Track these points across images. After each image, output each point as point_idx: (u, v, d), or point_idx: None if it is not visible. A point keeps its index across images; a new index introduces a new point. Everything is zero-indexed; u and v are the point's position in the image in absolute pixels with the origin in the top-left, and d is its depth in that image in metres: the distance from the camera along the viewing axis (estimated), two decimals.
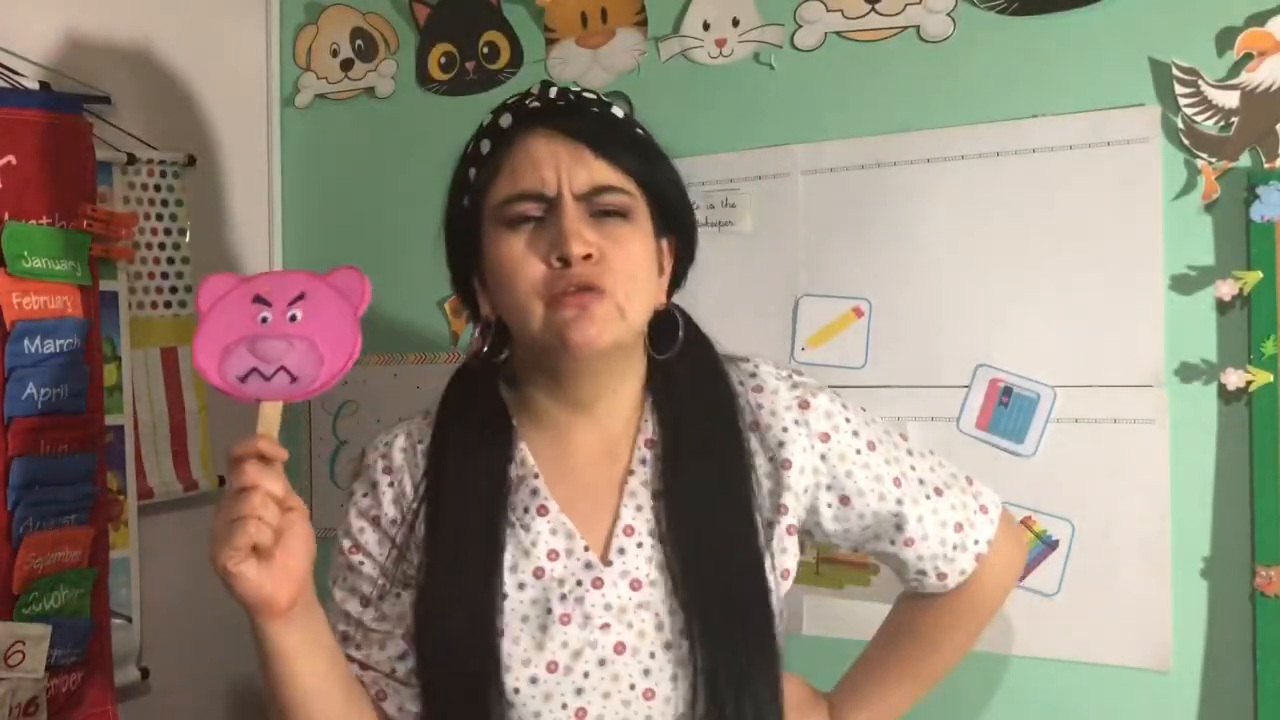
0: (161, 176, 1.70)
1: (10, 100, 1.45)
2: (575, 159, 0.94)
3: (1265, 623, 1.28)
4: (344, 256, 1.86)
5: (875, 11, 1.48)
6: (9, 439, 1.41)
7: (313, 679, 0.91)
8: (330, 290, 0.89)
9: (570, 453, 1.01)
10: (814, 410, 1.03)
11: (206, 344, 0.88)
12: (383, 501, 1.02)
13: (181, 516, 1.74)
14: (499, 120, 0.99)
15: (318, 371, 0.87)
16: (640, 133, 1.01)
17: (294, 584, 0.85)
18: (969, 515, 1.06)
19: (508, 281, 0.94)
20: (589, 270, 0.91)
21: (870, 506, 1.03)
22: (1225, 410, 1.31)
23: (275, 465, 0.84)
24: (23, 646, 1.41)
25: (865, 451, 1.03)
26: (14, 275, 1.42)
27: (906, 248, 1.46)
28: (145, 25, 1.70)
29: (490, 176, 0.97)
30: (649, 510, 0.99)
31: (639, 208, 0.96)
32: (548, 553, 0.98)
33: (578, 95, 0.99)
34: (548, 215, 0.93)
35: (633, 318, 0.94)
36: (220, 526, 0.84)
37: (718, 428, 1.01)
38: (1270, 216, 1.27)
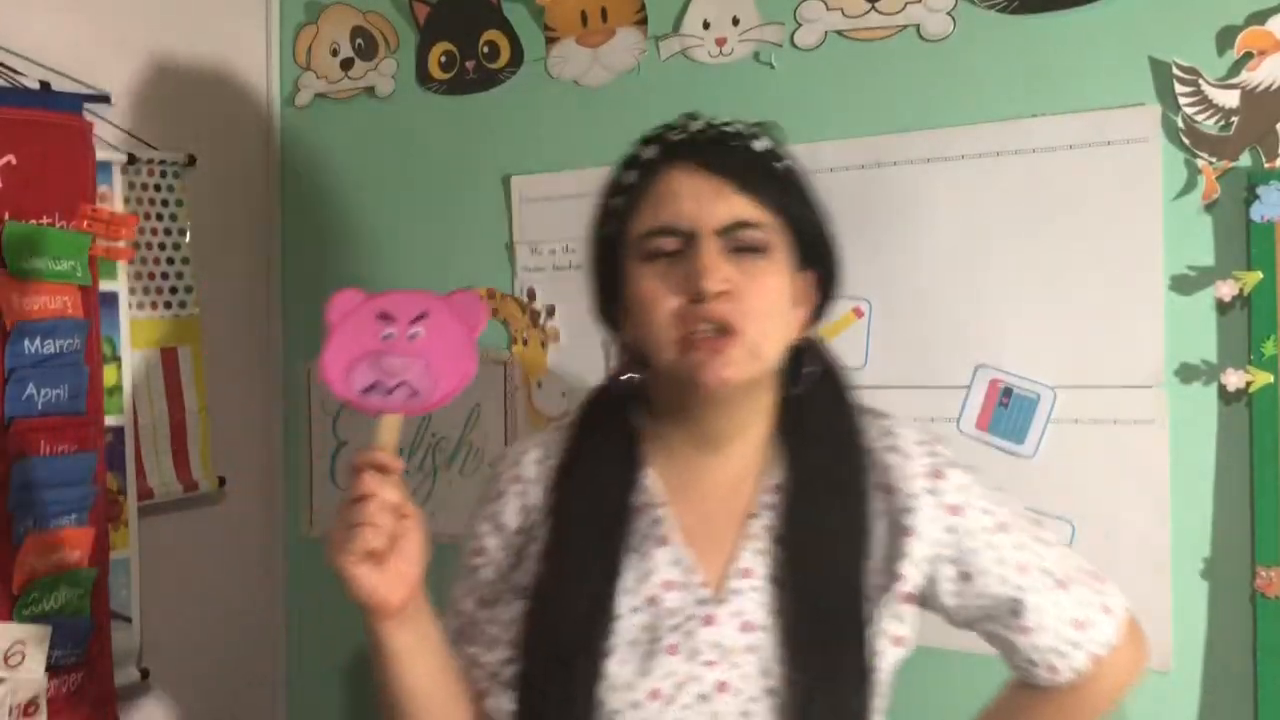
0: (161, 176, 1.70)
1: (10, 100, 1.45)
2: (715, 194, 0.95)
3: (1265, 623, 1.27)
4: (344, 257, 1.87)
5: (875, 10, 1.48)
6: (9, 439, 1.41)
7: (421, 678, 0.95)
8: (450, 312, 0.93)
9: (696, 486, 1.01)
10: (947, 481, 1.00)
11: (335, 357, 0.93)
12: (508, 510, 1.05)
13: (181, 516, 1.74)
14: (643, 152, 1.00)
15: (435, 388, 0.91)
16: (782, 166, 1.00)
17: (406, 587, 0.89)
18: (1091, 614, 1.02)
19: (644, 314, 0.95)
20: (723, 307, 0.92)
21: (990, 588, 1.00)
22: (1225, 410, 1.31)
23: (392, 475, 0.87)
24: (23, 646, 1.41)
25: (995, 532, 1.00)
26: (14, 275, 1.42)
27: (906, 248, 1.46)
28: (145, 25, 1.70)
29: (632, 207, 0.98)
30: (768, 556, 0.98)
31: (777, 243, 0.96)
32: (663, 583, 0.98)
33: (720, 129, 1.00)
34: (685, 250, 0.94)
35: (766, 356, 0.95)
36: (339, 531, 0.87)
37: (842, 478, 1.00)
38: (1270, 216, 1.27)
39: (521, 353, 1.72)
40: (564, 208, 1.68)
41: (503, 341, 1.73)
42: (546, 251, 1.70)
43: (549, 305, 1.70)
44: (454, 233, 1.77)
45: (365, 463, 0.87)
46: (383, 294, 0.95)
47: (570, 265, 1.68)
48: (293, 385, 1.92)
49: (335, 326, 0.94)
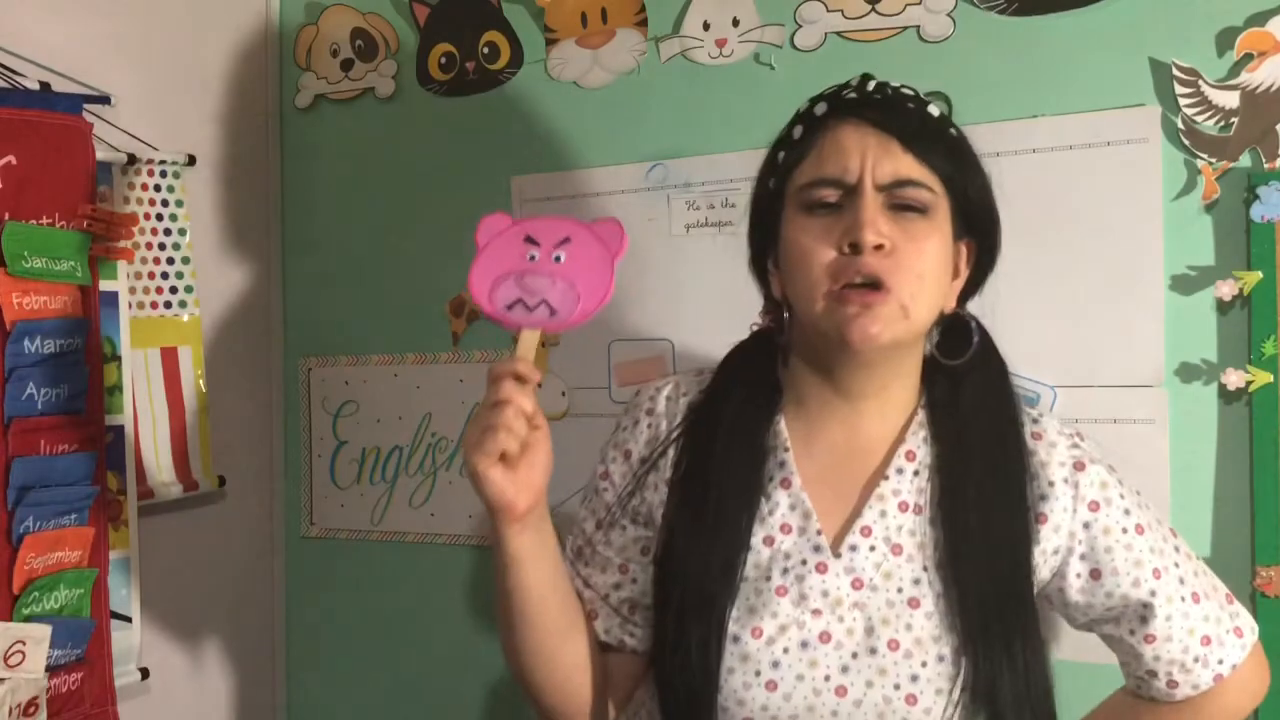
0: (161, 176, 1.70)
1: (10, 100, 1.45)
2: (882, 150, 0.94)
3: (1265, 623, 1.27)
4: (344, 256, 1.87)
5: (875, 11, 1.48)
6: (9, 439, 1.41)
7: (538, 584, 0.96)
8: (592, 237, 0.96)
9: (824, 438, 1.02)
10: (1088, 475, 1.00)
11: (481, 274, 0.96)
12: (639, 439, 1.07)
13: (181, 516, 1.74)
14: (814, 108, 1.01)
15: (574, 308, 0.94)
16: (954, 133, 1.00)
17: (532, 493, 0.91)
18: (1220, 633, 1.01)
19: (798, 263, 0.95)
20: (878, 262, 0.91)
21: (1121, 589, 0.99)
22: (1225, 410, 1.31)
23: (529, 386, 0.90)
24: (23, 646, 1.41)
25: (1132, 533, 0.99)
26: (14, 275, 1.42)
27: None
28: (145, 25, 1.70)
29: (797, 160, 0.99)
30: (893, 519, 0.98)
31: (940, 206, 0.96)
32: (781, 525, 0.99)
33: (895, 90, 1.00)
34: (846, 202, 0.94)
35: (916, 318, 0.94)
36: (474, 433, 0.89)
37: (1003, 455, 0.99)
38: (1270, 217, 1.27)
39: None
40: (564, 208, 1.68)
41: (504, 342, 1.73)
42: None
43: None
44: (454, 233, 1.77)
45: (506, 370, 0.89)
46: (530, 219, 0.98)
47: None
48: (292, 385, 1.92)
49: (483, 248, 0.97)
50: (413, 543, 1.80)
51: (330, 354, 1.88)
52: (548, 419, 0.93)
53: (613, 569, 1.06)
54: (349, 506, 1.86)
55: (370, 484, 1.84)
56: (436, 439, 1.78)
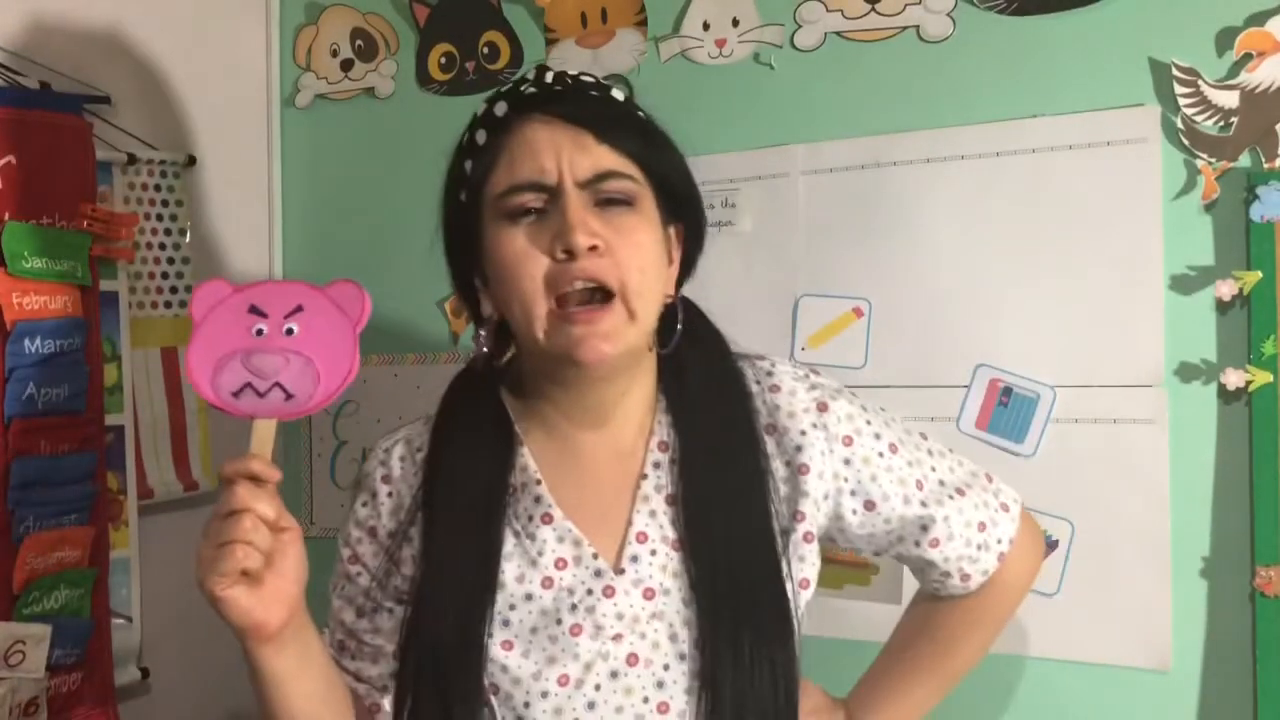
0: (161, 176, 1.70)
1: (10, 100, 1.45)
2: (576, 145, 0.90)
3: (1265, 623, 1.28)
4: (344, 256, 1.87)
5: (875, 11, 1.48)
6: (9, 439, 1.41)
7: (304, 701, 0.90)
8: (328, 303, 0.86)
9: (577, 458, 0.98)
10: (833, 413, 0.98)
11: (200, 355, 0.85)
12: (381, 513, 1.00)
13: (181, 516, 1.74)
14: (494, 109, 0.94)
15: (313, 389, 0.84)
16: (642, 115, 0.96)
17: (285, 607, 0.83)
18: (991, 514, 1.03)
19: (510, 278, 0.90)
20: (594, 264, 0.87)
21: (896, 510, 0.99)
22: (1225, 410, 1.31)
23: (268, 486, 0.81)
24: (23, 646, 1.41)
25: (888, 454, 1.00)
26: (14, 275, 1.42)
27: (906, 248, 1.46)
28: (145, 25, 1.70)
29: (487, 168, 0.93)
30: (663, 515, 0.95)
31: (644, 194, 0.92)
32: (555, 561, 0.94)
33: (575, 79, 0.95)
34: (549, 206, 0.89)
35: (643, 319, 0.90)
36: (208, 550, 0.80)
37: (732, 429, 0.97)
38: (1270, 216, 1.27)
39: None
40: None
41: None
42: None
43: None
44: None
45: (237, 472, 0.80)
46: (253, 285, 0.88)
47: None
48: None
49: (200, 322, 0.86)
50: None
51: None
52: None
53: (385, 657, 0.98)
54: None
55: None
56: None
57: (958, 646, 1.09)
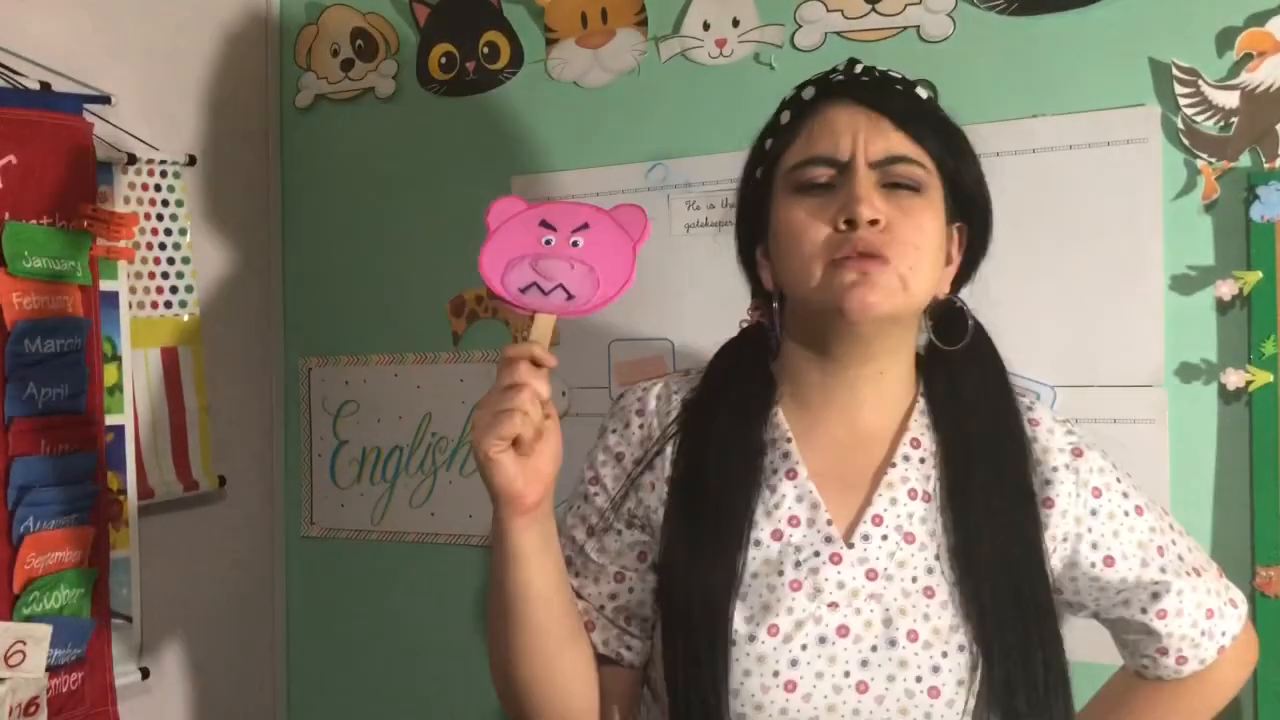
0: (161, 176, 1.70)
1: (10, 100, 1.45)
2: (873, 127, 0.93)
3: (1265, 623, 1.28)
4: (344, 257, 1.87)
5: (875, 11, 1.48)
6: (9, 439, 1.41)
7: (542, 584, 0.93)
8: (613, 223, 0.92)
9: (825, 428, 1.00)
10: (1087, 461, 1.00)
11: (493, 256, 0.91)
12: (631, 441, 1.03)
13: (181, 516, 1.74)
14: (801, 93, 0.99)
15: (593, 294, 0.90)
16: (944, 115, 0.99)
17: (542, 484, 0.88)
18: (1220, 604, 1.02)
19: (792, 244, 0.93)
20: (874, 237, 0.90)
21: (1133, 572, 0.99)
22: (1225, 410, 1.31)
23: (544, 371, 0.87)
24: (23, 646, 1.41)
25: (1133, 515, 1.00)
26: (14, 275, 1.42)
27: None
28: (145, 25, 1.70)
29: (786, 144, 0.97)
30: (903, 506, 0.96)
31: (933, 184, 0.95)
32: (789, 518, 0.96)
33: (883, 73, 0.98)
34: (838, 181, 0.93)
35: (915, 291, 0.92)
36: (485, 416, 0.86)
37: (1008, 442, 0.98)
38: (1270, 216, 1.27)
39: None
40: None
41: (503, 341, 1.73)
42: None
43: None
44: (454, 233, 1.77)
45: (520, 354, 0.87)
46: (546, 204, 0.94)
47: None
48: (293, 385, 1.92)
49: (494, 231, 0.92)
50: (413, 542, 1.80)
51: (330, 354, 1.88)
52: None
53: (607, 578, 1.02)
54: (349, 506, 1.86)
55: (370, 484, 1.84)
56: (437, 439, 1.78)
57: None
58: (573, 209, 0.93)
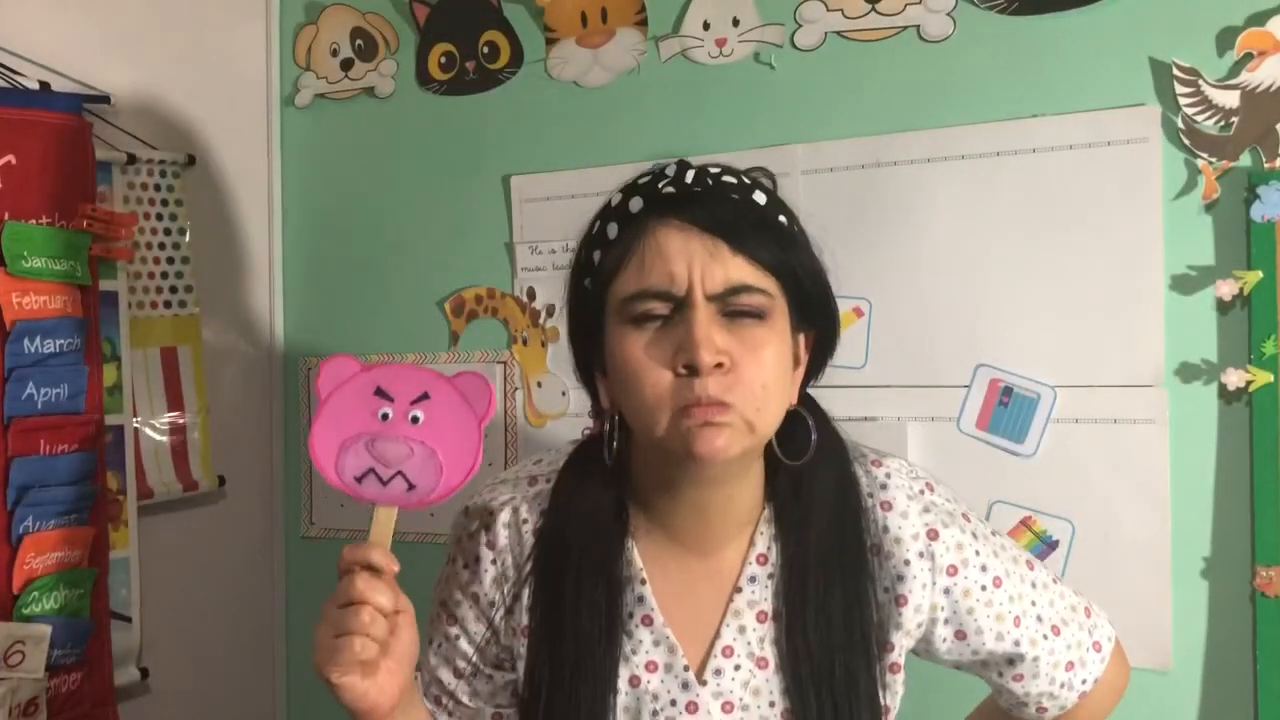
0: (161, 176, 1.70)
1: (10, 100, 1.45)
2: (710, 255, 0.86)
3: (1265, 623, 1.28)
4: (344, 257, 1.87)
5: (875, 11, 1.48)
6: (9, 439, 1.41)
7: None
8: (455, 394, 0.85)
9: (677, 558, 0.96)
10: (942, 542, 0.95)
11: (325, 436, 0.85)
12: (484, 580, 0.98)
13: (181, 516, 1.74)
14: (628, 203, 0.90)
15: (436, 482, 0.84)
16: (783, 220, 0.91)
17: (398, 687, 0.83)
18: (1082, 654, 1.01)
19: (632, 385, 0.87)
20: (718, 383, 0.84)
21: (986, 645, 0.98)
22: (1225, 410, 1.31)
23: (386, 576, 0.81)
24: (23, 646, 1.41)
25: (990, 588, 0.97)
26: (14, 275, 1.42)
27: (906, 248, 1.46)
28: (145, 25, 1.70)
29: (615, 266, 0.89)
30: (752, 632, 0.94)
31: (776, 306, 0.88)
32: (647, 664, 0.94)
33: (715, 180, 0.90)
34: (676, 314, 0.86)
35: (762, 430, 0.88)
36: (325, 638, 0.81)
37: (844, 549, 0.94)
38: (1270, 216, 1.27)
39: (521, 352, 1.72)
40: (564, 208, 1.68)
41: (503, 341, 1.73)
42: (546, 251, 1.70)
43: (549, 305, 1.70)
44: (454, 233, 1.77)
45: (356, 561, 0.81)
46: (381, 366, 0.86)
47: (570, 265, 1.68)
48: (292, 385, 1.92)
49: (326, 400, 0.85)
50: (413, 542, 1.80)
51: (330, 354, 1.88)
52: (548, 419, 0.91)
53: (482, 717, 1.00)
54: (349, 506, 1.86)
55: None
56: None
57: None
58: (411, 374, 0.86)
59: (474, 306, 1.76)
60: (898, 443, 1.45)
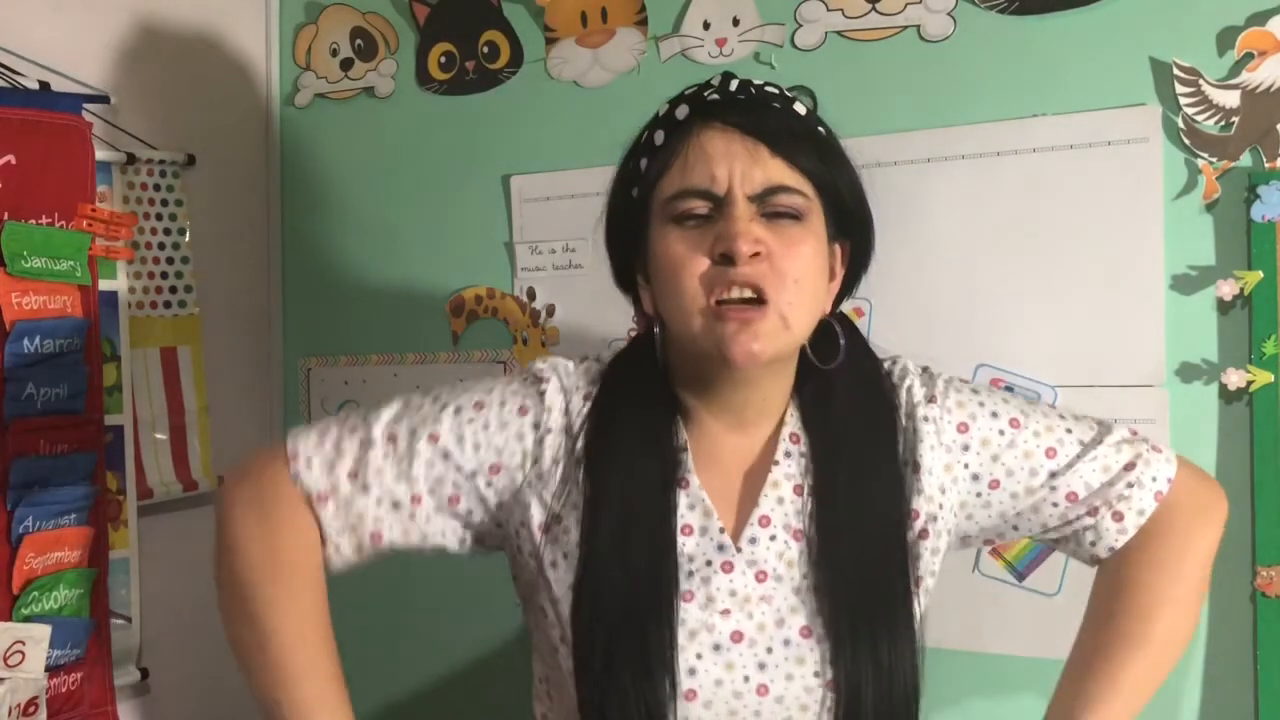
0: (161, 176, 1.70)
1: (10, 100, 1.45)
2: (750, 157, 0.90)
3: (1265, 623, 1.28)
4: (343, 256, 1.87)
5: (875, 11, 1.48)
6: (9, 439, 1.41)
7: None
8: None
9: (713, 439, 0.99)
10: (942, 403, 0.99)
11: None
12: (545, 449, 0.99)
13: (181, 516, 1.74)
14: (675, 111, 0.95)
15: None
16: (822, 131, 0.96)
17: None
18: (1141, 452, 0.99)
19: (670, 278, 0.91)
20: (754, 270, 0.88)
21: (1023, 483, 0.98)
22: (1226, 410, 1.31)
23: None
24: (23, 646, 1.41)
25: (1009, 430, 0.99)
26: (14, 275, 1.42)
27: (906, 248, 1.46)
28: (145, 25, 1.70)
29: (661, 169, 0.93)
30: (789, 504, 0.96)
31: (813, 210, 0.93)
32: (683, 526, 0.96)
33: (759, 89, 0.95)
34: (716, 213, 0.90)
35: (797, 328, 0.91)
36: None
37: (876, 441, 0.97)
38: (1271, 216, 1.27)
39: (521, 352, 1.72)
40: (564, 208, 1.68)
41: (503, 341, 1.73)
42: (546, 251, 1.70)
43: (549, 305, 1.70)
44: (454, 233, 1.77)
45: None
46: None
47: (570, 265, 1.68)
48: (292, 385, 1.92)
49: None
50: None
51: (330, 354, 1.88)
52: None
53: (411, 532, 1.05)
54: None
55: None
56: None
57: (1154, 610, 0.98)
58: None
59: (474, 306, 1.76)
60: None
